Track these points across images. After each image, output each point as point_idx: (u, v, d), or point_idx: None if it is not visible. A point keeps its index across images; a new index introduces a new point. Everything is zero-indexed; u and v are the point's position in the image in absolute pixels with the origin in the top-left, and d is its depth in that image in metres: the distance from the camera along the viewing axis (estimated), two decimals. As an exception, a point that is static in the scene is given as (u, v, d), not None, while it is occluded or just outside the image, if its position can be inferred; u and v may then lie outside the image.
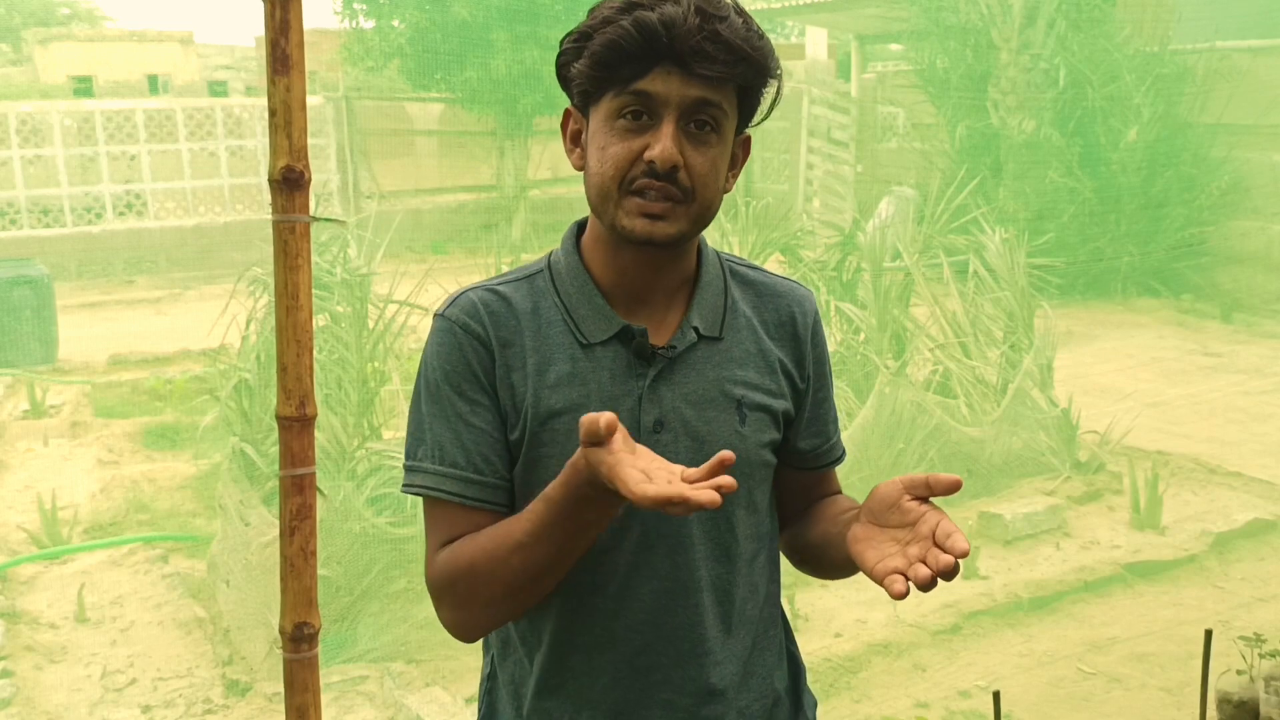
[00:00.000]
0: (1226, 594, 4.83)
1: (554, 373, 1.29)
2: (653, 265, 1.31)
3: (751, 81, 1.25)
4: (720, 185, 1.28)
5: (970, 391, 6.00)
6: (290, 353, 1.78)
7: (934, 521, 1.14)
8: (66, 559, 5.25)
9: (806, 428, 1.43)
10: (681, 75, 1.20)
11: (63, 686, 4.11)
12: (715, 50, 1.20)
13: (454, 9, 13.49)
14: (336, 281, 4.84)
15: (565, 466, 1.16)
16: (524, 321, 1.31)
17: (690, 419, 1.30)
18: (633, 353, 1.29)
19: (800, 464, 1.45)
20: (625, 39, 1.20)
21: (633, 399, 1.29)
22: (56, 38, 23.18)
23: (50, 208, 13.69)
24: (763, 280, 1.42)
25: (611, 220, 1.26)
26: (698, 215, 1.26)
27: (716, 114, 1.23)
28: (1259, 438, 6.80)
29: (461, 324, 1.30)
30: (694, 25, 1.19)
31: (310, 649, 1.84)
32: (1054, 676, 4.17)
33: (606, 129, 1.25)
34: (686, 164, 1.22)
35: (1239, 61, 10.80)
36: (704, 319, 1.33)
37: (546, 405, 1.28)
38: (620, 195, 1.24)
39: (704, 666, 1.33)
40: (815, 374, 1.42)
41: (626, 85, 1.22)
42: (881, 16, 13.66)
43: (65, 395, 8.01)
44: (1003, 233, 6.42)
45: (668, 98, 1.21)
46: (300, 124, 1.77)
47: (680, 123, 1.22)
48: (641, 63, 1.20)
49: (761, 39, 1.24)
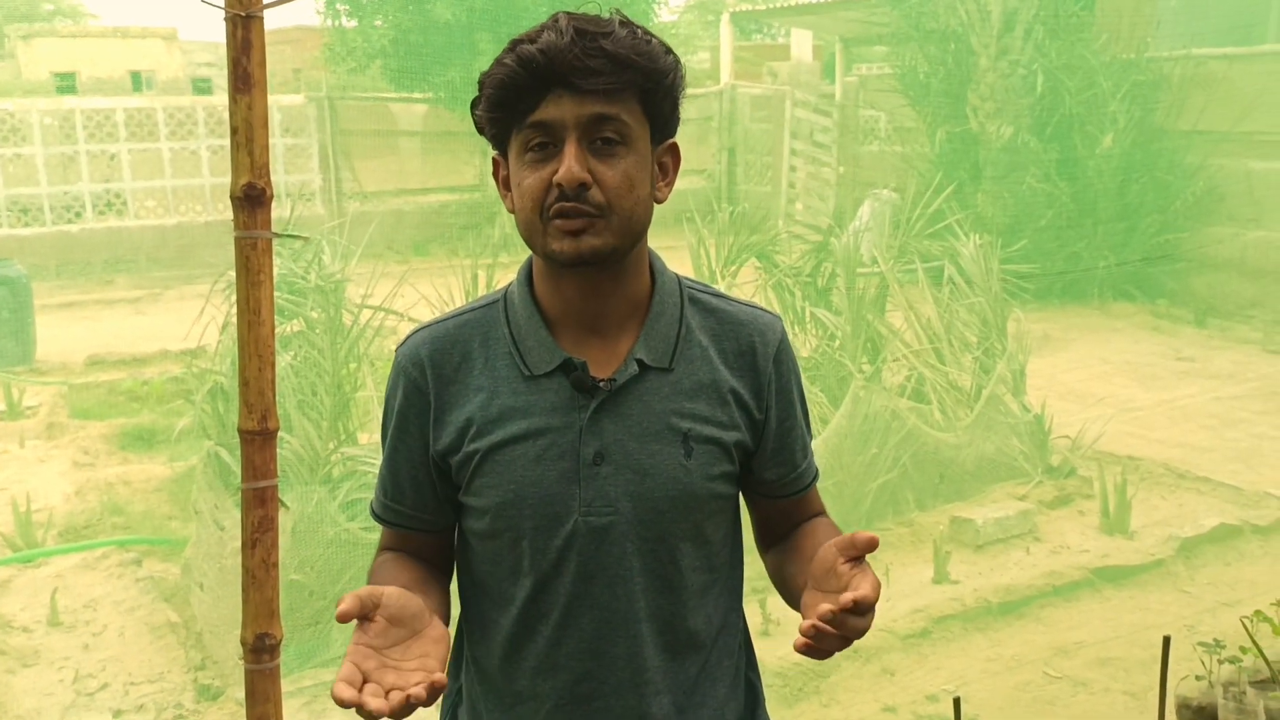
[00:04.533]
0: (1192, 599, 4.90)
1: (498, 405, 1.32)
2: (596, 291, 1.32)
3: (648, 86, 1.26)
4: (642, 195, 1.28)
5: (944, 397, 6.05)
6: (252, 367, 1.81)
7: (849, 579, 1.16)
8: (40, 562, 5.24)
9: (772, 458, 1.42)
10: (572, 96, 1.22)
11: (34, 691, 4.11)
12: (599, 64, 1.21)
13: (436, 10, 13.49)
14: (310, 287, 4.84)
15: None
16: (473, 354, 1.36)
17: (633, 451, 1.31)
18: (572, 385, 1.31)
19: (769, 492, 1.45)
20: (510, 75, 1.23)
21: (573, 431, 1.30)
22: (39, 34, 23.06)
23: (29, 206, 13.61)
24: (725, 308, 1.41)
25: (542, 249, 1.28)
26: (621, 228, 1.26)
27: (618, 126, 1.24)
28: (1230, 443, 6.88)
29: (402, 368, 1.39)
30: (572, 45, 1.21)
31: (272, 659, 1.86)
32: (1020, 681, 4.22)
33: (519, 165, 1.28)
34: (597, 180, 1.23)
35: (1215, 69, 10.90)
36: (652, 350, 1.33)
37: (489, 437, 1.32)
38: (543, 224, 1.26)
39: (644, 696, 1.34)
40: (779, 403, 1.40)
41: (524, 119, 1.24)
42: (864, 20, 13.74)
43: (42, 396, 7.98)
44: (977, 239, 6.48)
45: (563, 120, 1.23)
46: (262, 141, 1.79)
47: (583, 142, 1.23)
48: (533, 94, 1.23)
49: (649, 44, 1.26)
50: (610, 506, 1.30)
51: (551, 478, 1.30)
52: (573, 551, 1.31)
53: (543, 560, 1.32)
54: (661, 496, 1.31)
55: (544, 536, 1.31)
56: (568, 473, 1.30)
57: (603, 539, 1.31)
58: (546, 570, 1.32)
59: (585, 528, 1.30)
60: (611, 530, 1.31)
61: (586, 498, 1.30)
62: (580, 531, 1.30)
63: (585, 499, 1.30)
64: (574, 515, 1.30)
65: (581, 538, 1.31)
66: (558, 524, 1.30)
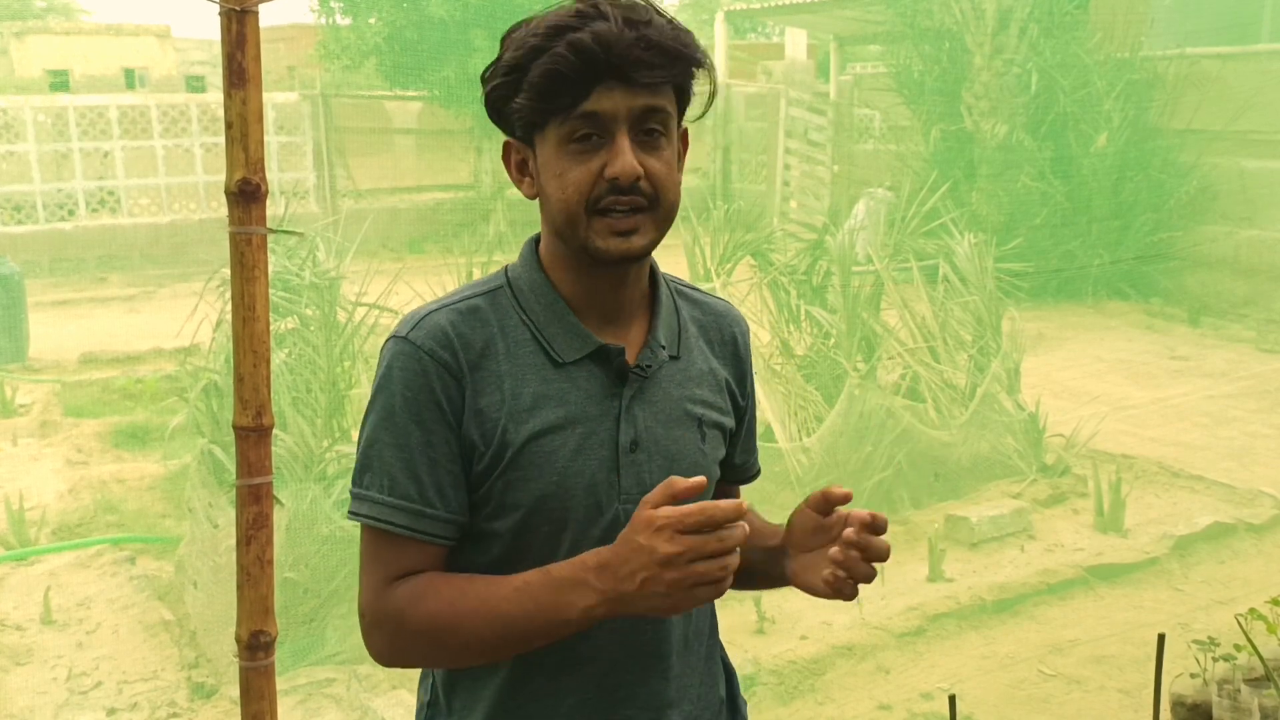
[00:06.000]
0: (1186, 597, 4.91)
1: (528, 394, 1.27)
2: (621, 282, 1.31)
3: (687, 78, 1.26)
4: (678, 184, 1.28)
5: (938, 395, 6.06)
6: (247, 363, 1.80)
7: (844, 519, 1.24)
8: (33, 560, 5.23)
9: (742, 443, 1.48)
10: (624, 89, 1.19)
11: (28, 689, 4.09)
12: (651, 57, 1.19)
13: (431, 7, 13.47)
14: (305, 284, 4.83)
15: (596, 567, 1.17)
16: (493, 340, 1.29)
17: (661, 438, 1.32)
18: (611, 373, 1.30)
19: (731, 478, 1.49)
20: (564, 65, 1.18)
21: (610, 419, 1.29)
22: (32, 30, 22.97)
23: (22, 204, 13.57)
24: (704, 300, 1.44)
25: (582, 243, 1.25)
26: (665, 218, 1.27)
27: (663, 118, 1.23)
28: (1223, 441, 6.90)
29: (429, 350, 1.26)
30: (627, 37, 1.18)
31: (266, 657, 1.85)
32: (1015, 678, 4.23)
33: (559, 155, 1.23)
34: (647, 172, 1.22)
35: (1208, 68, 10.92)
36: (666, 337, 1.35)
37: (524, 428, 1.26)
38: (589, 218, 1.23)
39: (667, 680, 1.35)
40: (751, 392, 1.47)
41: (571, 110, 1.20)
42: (859, 19, 13.74)
43: (35, 394, 7.96)
44: (972, 237, 6.48)
45: (616, 113, 1.20)
46: (257, 136, 1.78)
47: (632, 134, 1.21)
48: (583, 85, 1.19)
49: (688, 35, 1.24)
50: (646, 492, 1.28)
51: (593, 467, 1.28)
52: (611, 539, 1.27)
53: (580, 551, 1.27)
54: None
55: (585, 527, 1.29)
56: (608, 461, 1.29)
57: None
58: None
59: (625, 515, 1.28)
60: None
61: (625, 485, 1.29)
62: (620, 519, 1.29)
63: (624, 487, 1.29)
64: (615, 503, 1.29)
65: (620, 525, 1.28)
66: (599, 513, 1.29)
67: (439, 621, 1.23)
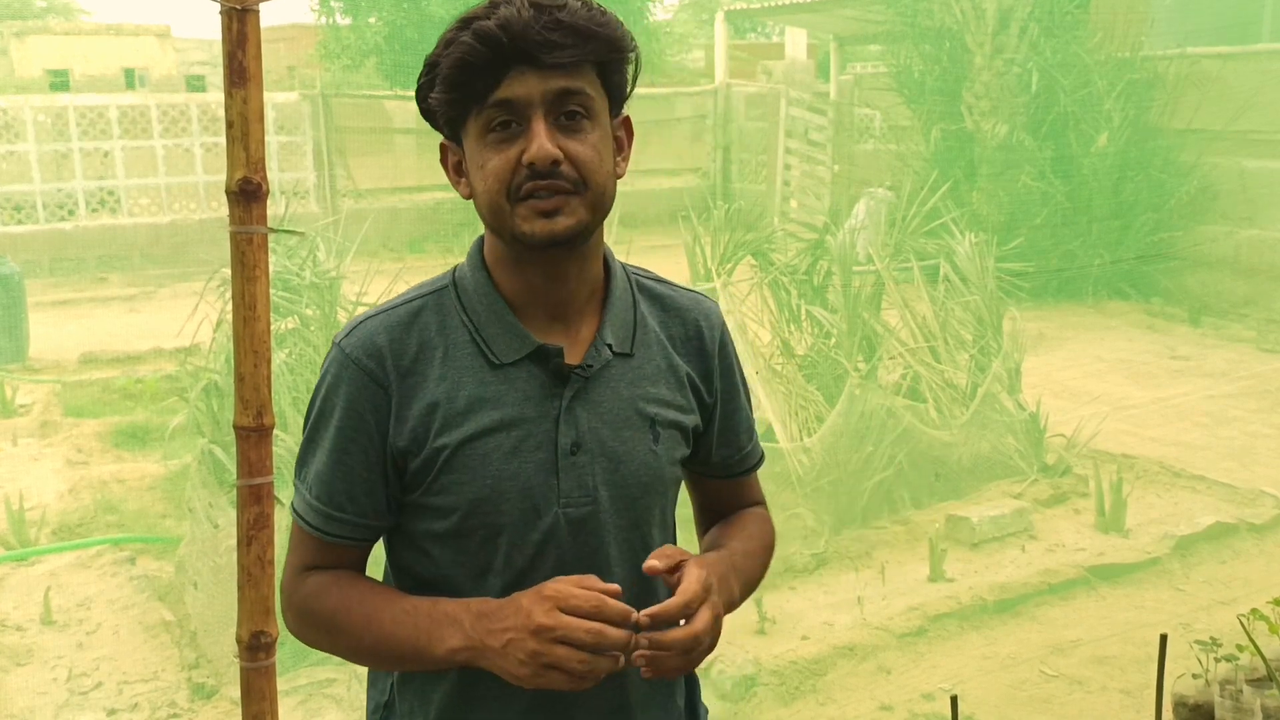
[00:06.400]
0: (1187, 597, 4.90)
1: (464, 396, 1.26)
2: (560, 275, 1.28)
3: (607, 58, 1.24)
4: (609, 170, 1.26)
5: (939, 395, 6.05)
6: (248, 363, 1.79)
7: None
8: (33, 560, 5.23)
9: (718, 439, 1.44)
10: (536, 72, 1.19)
11: (28, 690, 4.09)
12: (560, 37, 1.18)
13: (431, 7, 13.48)
14: (305, 284, 4.83)
15: (477, 613, 1.21)
16: (431, 342, 1.28)
17: (607, 439, 1.29)
18: (550, 373, 1.27)
19: (715, 474, 1.47)
20: (470, 53, 1.19)
21: (549, 421, 1.27)
22: (32, 30, 22.97)
23: (22, 204, 13.57)
24: (668, 294, 1.41)
25: (510, 231, 1.24)
26: (593, 203, 1.24)
27: (583, 100, 1.22)
28: (1224, 441, 6.89)
29: (356, 359, 1.27)
30: (532, 19, 1.18)
31: (267, 658, 1.85)
32: (1016, 679, 4.22)
33: (480, 147, 1.23)
34: (568, 155, 1.21)
35: (1209, 68, 10.92)
36: (616, 335, 1.32)
37: (459, 431, 1.26)
38: (511, 205, 1.22)
39: (623, 686, 1.34)
40: (725, 386, 1.42)
41: (485, 99, 1.20)
42: (859, 19, 13.73)
43: (35, 394, 7.96)
44: (972, 237, 6.48)
45: (529, 98, 1.19)
46: (258, 135, 1.78)
47: (549, 118, 1.20)
48: (493, 73, 1.19)
49: (605, 15, 1.23)
50: (589, 496, 1.29)
51: (529, 470, 1.26)
52: (551, 544, 1.28)
53: (519, 556, 1.28)
54: (635, 483, 1.31)
55: (522, 531, 1.27)
56: (545, 464, 1.27)
57: (581, 529, 1.29)
58: (522, 565, 1.28)
59: (565, 519, 1.28)
60: (590, 520, 1.29)
61: (565, 488, 1.28)
62: (560, 523, 1.28)
63: (564, 490, 1.28)
64: (554, 507, 1.28)
65: (561, 529, 1.28)
66: (537, 517, 1.27)
67: (334, 620, 1.29)
